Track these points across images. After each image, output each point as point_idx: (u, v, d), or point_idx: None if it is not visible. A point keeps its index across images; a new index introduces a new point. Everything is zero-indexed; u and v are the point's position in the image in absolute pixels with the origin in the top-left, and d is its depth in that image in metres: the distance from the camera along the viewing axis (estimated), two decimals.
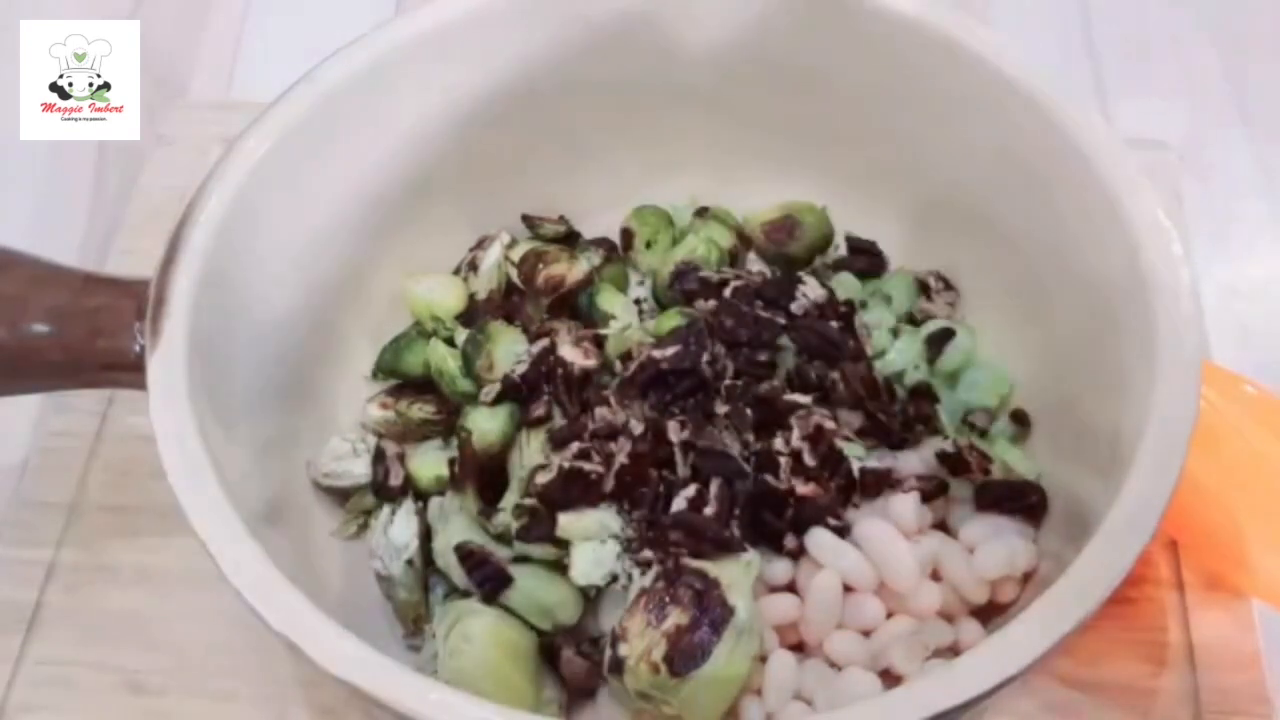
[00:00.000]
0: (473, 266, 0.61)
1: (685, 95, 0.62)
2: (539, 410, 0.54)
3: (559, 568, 0.51)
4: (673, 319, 0.58)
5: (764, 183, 0.63)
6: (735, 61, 0.60)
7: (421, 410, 0.58)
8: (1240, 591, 0.57)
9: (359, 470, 0.56)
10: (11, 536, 0.60)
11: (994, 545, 0.51)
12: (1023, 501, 0.53)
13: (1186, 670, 0.56)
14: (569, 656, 0.50)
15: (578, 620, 0.51)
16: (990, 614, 0.52)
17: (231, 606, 0.41)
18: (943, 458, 0.54)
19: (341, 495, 0.57)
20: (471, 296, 0.61)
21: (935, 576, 0.52)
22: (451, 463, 0.54)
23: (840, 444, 0.53)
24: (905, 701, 0.39)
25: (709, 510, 0.50)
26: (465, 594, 0.51)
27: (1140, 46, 0.85)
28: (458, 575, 0.51)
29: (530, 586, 0.50)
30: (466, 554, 0.50)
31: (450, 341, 0.59)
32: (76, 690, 0.56)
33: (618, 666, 0.48)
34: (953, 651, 0.51)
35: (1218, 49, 0.84)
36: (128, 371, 0.47)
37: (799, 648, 0.51)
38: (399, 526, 0.53)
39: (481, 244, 0.62)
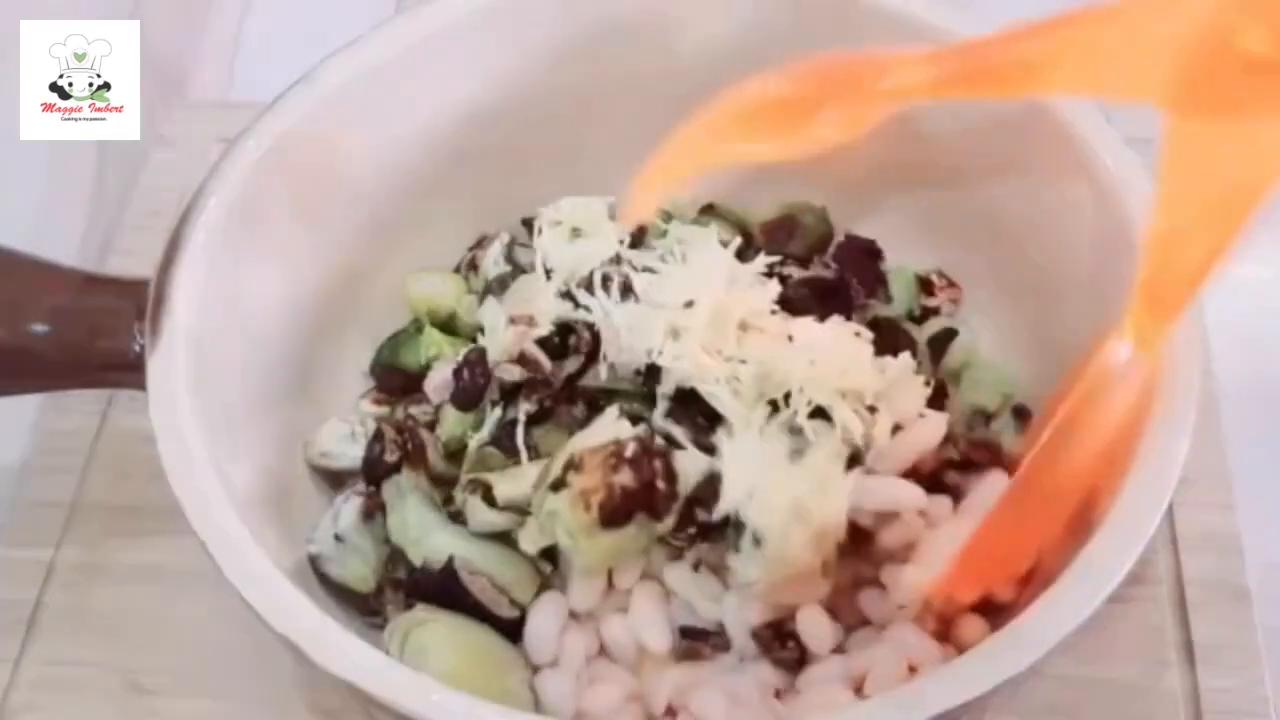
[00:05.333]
0: (473, 266, 0.61)
1: (685, 95, 0.61)
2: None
3: (510, 541, 0.51)
4: None
5: (763, 182, 0.63)
6: (734, 60, 0.59)
7: (414, 408, 0.57)
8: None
9: (355, 453, 0.56)
10: (11, 537, 0.60)
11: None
12: None
13: (1187, 670, 0.56)
14: None
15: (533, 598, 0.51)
16: (991, 613, 0.52)
17: (232, 606, 0.41)
18: (949, 462, 0.54)
19: (337, 479, 0.57)
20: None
21: None
22: (405, 442, 0.54)
23: None
24: (908, 701, 0.39)
25: None
26: (415, 581, 0.51)
27: None
28: (414, 551, 0.51)
29: (489, 568, 0.50)
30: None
31: (444, 328, 0.59)
32: (76, 691, 0.56)
33: (559, 486, 0.48)
34: (956, 648, 0.51)
35: None
36: (128, 371, 0.47)
37: None
38: (347, 511, 0.53)
39: (481, 243, 0.62)
